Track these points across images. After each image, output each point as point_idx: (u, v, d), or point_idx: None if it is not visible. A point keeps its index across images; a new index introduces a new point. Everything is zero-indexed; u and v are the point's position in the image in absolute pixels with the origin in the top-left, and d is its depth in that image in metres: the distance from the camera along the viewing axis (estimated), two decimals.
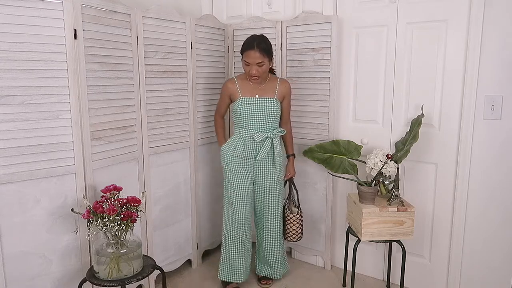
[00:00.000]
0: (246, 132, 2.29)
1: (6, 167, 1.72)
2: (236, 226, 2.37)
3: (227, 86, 2.33)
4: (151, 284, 2.42)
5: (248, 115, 2.27)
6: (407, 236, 2.14)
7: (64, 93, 1.85)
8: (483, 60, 2.07)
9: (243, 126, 2.30)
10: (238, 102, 2.28)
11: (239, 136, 2.31)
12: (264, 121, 2.29)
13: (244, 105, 2.27)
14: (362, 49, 2.46)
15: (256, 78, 2.25)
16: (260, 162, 2.36)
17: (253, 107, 2.27)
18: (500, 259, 2.15)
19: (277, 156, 2.34)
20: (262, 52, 2.18)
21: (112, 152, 2.10)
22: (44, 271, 1.90)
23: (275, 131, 2.33)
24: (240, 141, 2.30)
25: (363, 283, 2.57)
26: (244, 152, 2.31)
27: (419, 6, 2.23)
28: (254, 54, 2.18)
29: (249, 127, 2.28)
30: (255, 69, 2.20)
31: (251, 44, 2.19)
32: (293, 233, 2.51)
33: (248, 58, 2.19)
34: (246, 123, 2.28)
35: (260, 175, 2.38)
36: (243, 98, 2.28)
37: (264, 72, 2.26)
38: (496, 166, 2.11)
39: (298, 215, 2.50)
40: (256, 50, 2.17)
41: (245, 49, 2.21)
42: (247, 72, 2.25)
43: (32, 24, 1.73)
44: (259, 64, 2.20)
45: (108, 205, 1.78)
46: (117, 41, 2.07)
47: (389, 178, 2.26)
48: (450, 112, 2.21)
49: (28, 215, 1.82)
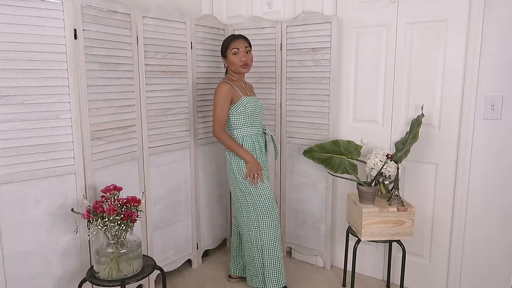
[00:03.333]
0: (255, 130, 2.30)
1: (6, 167, 1.72)
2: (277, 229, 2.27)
3: (228, 89, 2.18)
4: (151, 284, 2.42)
5: (255, 112, 2.28)
6: (407, 236, 2.14)
7: (64, 93, 1.85)
8: (483, 60, 2.06)
9: (251, 125, 2.28)
10: (243, 101, 2.22)
11: (250, 136, 2.27)
12: (261, 116, 2.37)
13: (250, 103, 2.25)
14: (362, 49, 2.46)
15: (246, 66, 2.25)
16: (266, 156, 2.40)
17: (254, 104, 2.28)
18: (500, 259, 2.15)
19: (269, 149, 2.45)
20: (247, 40, 2.28)
21: (112, 152, 2.10)
22: (44, 271, 1.90)
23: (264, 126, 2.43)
24: (254, 142, 2.28)
25: (363, 283, 2.57)
26: (259, 151, 2.30)
27: (419, 6, 2.23)
28: (241, 40, 2.25)
29: (257, 124, 2.31)
30: (244, 55, 2.23)
31: (233, 35, 2.31)
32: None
33: (236, 43, 2.23)
34: (254, 121, 2.29)
35: (265, 168, 2.40)
36: (244, 97, 2.24)
37: (251, 61, 2.29)
38: (496, 166, 2.11)
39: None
40: (241, 38, 2.28)
41: (230, 39, 2.27)
42: (237, 61, 2.23)
43: (32, 24, 1.73)
44: (247, 49, 2.25)
45: (108, 205, 1.78)
46: (117, 41, 2.07)
47: (389, 178, 2.26)
48: (450, 112, 2.21)
49: (28, 215, 1.82)
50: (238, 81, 2.30)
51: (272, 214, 2.24)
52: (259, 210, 2.24)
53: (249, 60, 2.26)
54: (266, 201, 2.23)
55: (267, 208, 2.23)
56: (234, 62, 2.23)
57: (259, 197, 2.23)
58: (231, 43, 2.24)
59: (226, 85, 2.20)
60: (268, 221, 2.23)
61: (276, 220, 2.26)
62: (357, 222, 2.19)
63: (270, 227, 2.24)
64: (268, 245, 2.24)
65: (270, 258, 2.25)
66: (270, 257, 2.25)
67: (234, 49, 2.22)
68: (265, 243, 2.24)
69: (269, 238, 2.24)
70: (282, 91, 2.68)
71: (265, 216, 2.24)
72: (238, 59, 2.22)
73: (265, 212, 2.23)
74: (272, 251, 2.25)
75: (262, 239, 2.25)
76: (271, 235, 2.24)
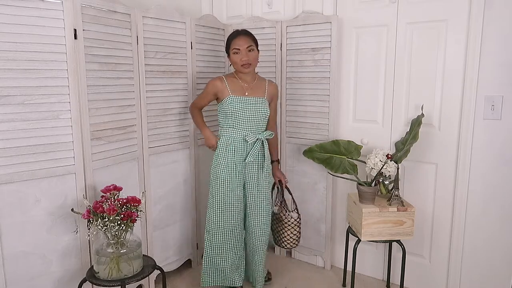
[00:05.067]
0: (236, 133, 2.19)
1: (6, 167, 1.72)
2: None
3: (214, 84, 2.20)
4: (151, 284, 2.42)
5: (238, 114, 2.16)
6: (407, 236, 2.14)
7: (64, 93, 1.85)
8: (483, 60, 2.06)
9: (233, 126, 2.19)
10: (228, 101, 2.16)
11: (228, 138, 2.20)
12: (254, 121, 2.19)
13: (234, 103, 2.15)
14: (362, 49, 2.46)
15: (248, 66, 2.15)
16: (248, 166, 2.23)
17: (243, 106, 2.16)
18: (500, 259, 2.15)
19: (266, 159, 2.24)
20: (250, 37, 2.19)
21: (112, 152, 2.10)
22: (44, 271, 1.90)
23: (265, 134, 2.24)
24: (229, 143, 2.19)
25: (363, 283, 2.57)
26: (234, 156, 2.19)
27: (419, 6, 2.23)
28: (243, 38, 2.16)
29: (239, 128, 2.18)
30: (246, 54, 2.14)
31: (237, 32, 2.20)
32: (292, 239, 2.45)
33: (237, 43, 2.15)
34: (236, 123, 2.18)
35: (248, 179, 2.26)
36: (232, 97, 2.16)
37: (255, 60, 2.19)
38: (496, 166, 2.11)
39: (298, 219, 2.45)
40: (243, 35, 2.18)
41: (232, 37, 2.19)
42: (238, 61, 2.15)
43: (32, 24, 1.73)
44: (249, 48, 2.15)
45: (108, 205, 1.78)
46: (117, 41, 2.07)
47: (389, 178, 2.26)
48: (450, 112, 2.21)
49: (28, 215, 1.82)
50: (238, 80, 2.22)
51: (212, 226, 2.27)
52: (207, 215, 2.32)
53: (252, 59, 2.16)
54: (210, 212, 2.28)
55: (209, 218, 2.29)
56: (235, 62, 2.17)
57: (209, 204, 2.29)
58: (232, 42, 2.17)
59: (214, 81, 2.23)
60: (209, 232, 2.30)
61: (220, 234, 2.27)
62: (357, 222, 2.19)
63: (209, 237, 2.31)
64: (205, 248, 2.34)
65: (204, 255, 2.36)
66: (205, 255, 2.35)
67: (234, 49, 2.15)
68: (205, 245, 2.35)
69: (206, 243, 2.33)
70: (282, 91, 2.68)
71: (208, 223, 2.31)
72: (239, 58, 2.15)
73: (207, 220, 2.30)
74: (206, 251, 2.34)
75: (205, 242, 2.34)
76: (208, 242, 2.31)
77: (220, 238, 2.28)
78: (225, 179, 2.21)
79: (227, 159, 2.20)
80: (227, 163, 2.20)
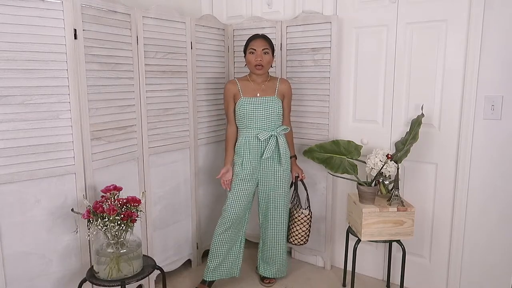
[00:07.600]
0: (250, 132, 2.31)
1: (6, 167, 1.72)
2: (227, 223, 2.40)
3: (229, 88, 2.35)
4: (151, 284, 2.42)
5: (251, 114, 2.29)
6: (407, 236, 2.14)
7: (64, 93, 1.85)
8: (483, 60, 2.07)
9: (247, 126, 2.32)
10: (240, 103, 2.31)
11: (244, 137, 2.33)
12: (267, 119, 2.31)
13: (246, 105, 2.29)
14: (362, 49, 2.46)
15: (261, 68, 2.27)
16: (266, 161, 2.35)
17: (255, 106, 2.29)
18: (500, 259, 2.15)
19: (283, 154, 2.34)
20: (267, 41, 2.32)
21: (112, 152, 2.10)
22: (44, 271, 1.90)
23: (279, 129, 2.34)
24: (245, 142, 2.32)
25: (363, 283, 2.57)
26: (250, 154, 2.31)
27: (419, 6, 2.23)
28: (260, 41, 2.29)
29: (253, 127, 2.30)
30: (260, 56, 2.25)
31: (257, 35, 2.34)
32: (300, 235, 2.48)
33: (255, 44, 2.27)
34: (249, 123, 2.30)
35: (266, 174, 2.37)
36: (244, 98, 2.30)
37: (268, 63, 2.31)
38: (496, 166, 2.11)
39: (309, 216, 2.48)
40: (262, 38, 2.32)
41: (252, 38, 2.32)
42: (252, 60, 2.27)
43: (32, 24, 1.73)
44: (264, 51, 2.27)
45: (108, 205, 1.78)
46: (117, 41, 2.07)
47: (389, 178, 2.26)
48: (450, 112, 2.21)
49: (28, 215, 1.82)
50: (250, 81, 2.35)
51: (223, 217, 2.37)
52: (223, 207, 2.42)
53: (264, 61, 2.27)
54: (227, 205, 2.36)
55: (224, 210, 2.38)
56: (250, 61, 2.30)
57: (226, 199, 2.39)
58: (251, 43, 2.29)
59: (228, 85, 2.37)
60: (220, 220, 2.39)
61: (226, 224, 2.36)
62: (357, 222, 2.19)
63: (218, 225, 2.39)
64: (213, 238, 2.42)
65: (211, 249, 2.44)
66: (211, 249, 2.43)
67: (251, 49, 2.28)
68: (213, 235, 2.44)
69: (215, 233, 2.40)
70: None
71: (221, 215, 2.40)
72: (253, 58, 2.27)
73: (223, 211, 2.39)
74: (213, 244, 2.41)
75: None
76: (216, 232, 2.40)
77: (222, 227, 2.38)
78: (238, 172, 2.34)
79: (244, 157, 2.33)
80: (243, 160, 2.33)
